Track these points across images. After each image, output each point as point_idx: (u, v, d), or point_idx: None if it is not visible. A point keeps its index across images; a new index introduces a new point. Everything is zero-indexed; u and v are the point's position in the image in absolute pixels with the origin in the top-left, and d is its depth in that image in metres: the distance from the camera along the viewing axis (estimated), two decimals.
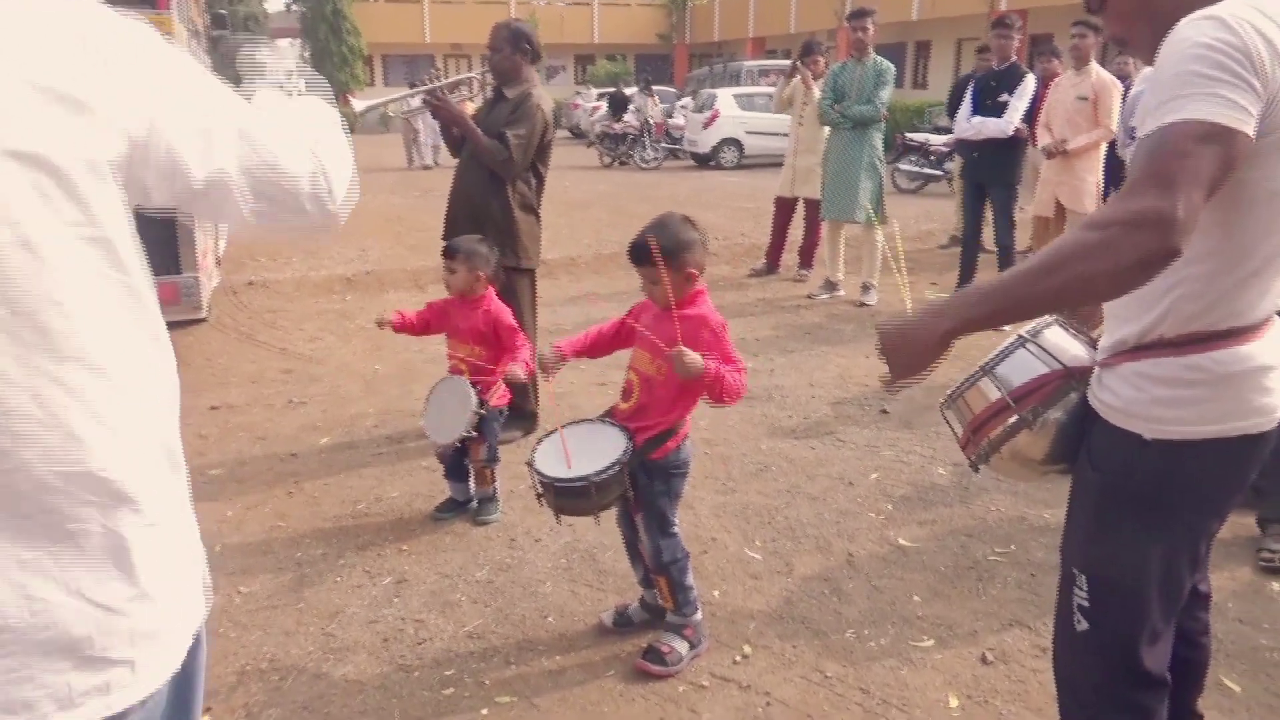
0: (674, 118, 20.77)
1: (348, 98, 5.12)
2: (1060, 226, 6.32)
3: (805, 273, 7.93)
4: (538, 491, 2.53)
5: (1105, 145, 6.16)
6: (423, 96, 4.10)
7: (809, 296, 7.27)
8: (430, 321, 3.62)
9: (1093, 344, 1.73)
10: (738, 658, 2.66)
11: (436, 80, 4.13)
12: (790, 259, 8.16)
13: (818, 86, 7.18)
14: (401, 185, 15.50)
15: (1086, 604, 1.60)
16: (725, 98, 19.00)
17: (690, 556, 2.66)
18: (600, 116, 22.32)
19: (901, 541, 3.34)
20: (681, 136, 19.97)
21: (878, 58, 6.83)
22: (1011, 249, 6.51)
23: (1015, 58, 6.51)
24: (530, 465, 2.52)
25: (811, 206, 7.58)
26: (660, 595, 2.68)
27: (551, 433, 2.63)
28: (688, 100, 21.05)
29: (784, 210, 7.94)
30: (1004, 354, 1.76)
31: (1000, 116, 6.35)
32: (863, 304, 6.95)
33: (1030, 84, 6.36)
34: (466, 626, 2.85)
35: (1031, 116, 6.42)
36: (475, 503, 3.59)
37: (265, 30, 37.01)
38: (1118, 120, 5.58)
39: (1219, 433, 1.49)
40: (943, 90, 24.29)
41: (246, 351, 5.99)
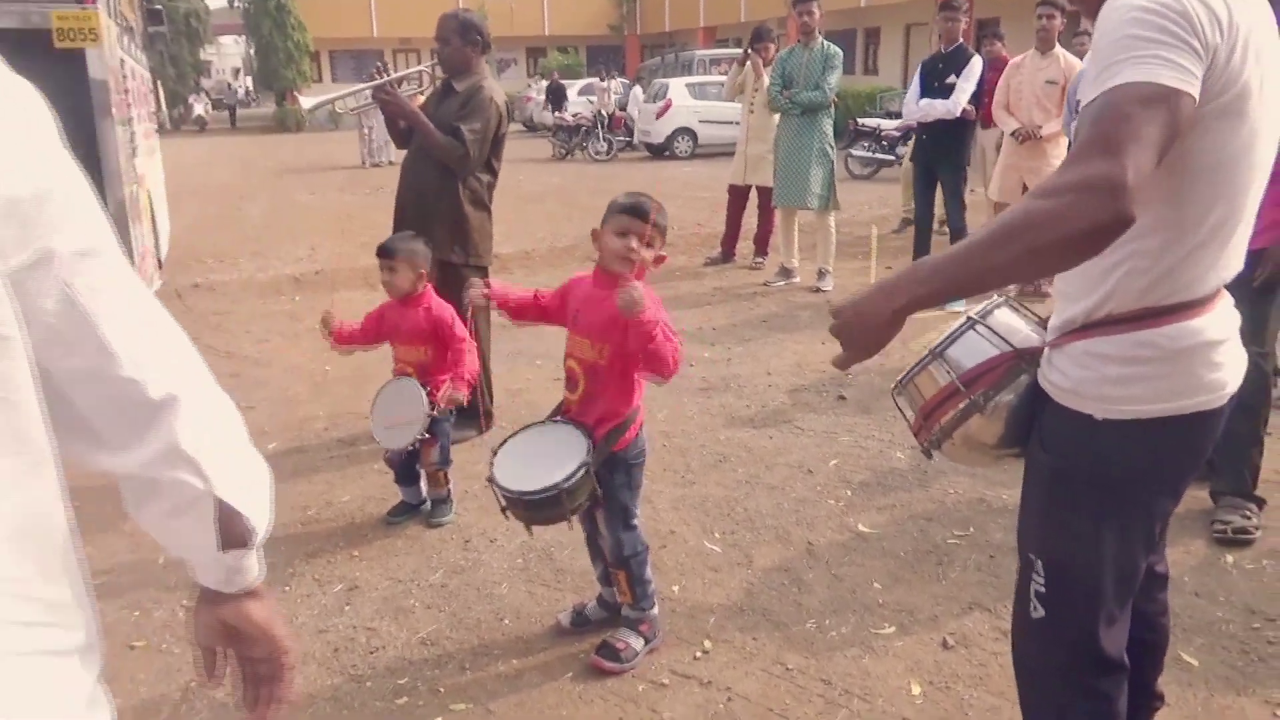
0: (625, 109, 20.69)
1: (295, 95, 4.98)
2: None
3: (761, 260, 7.91)
4: (503, 506, 2.45)
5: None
6: (371, 91, 4.00)
7: (765, 284, 7.25)
8: (371, 333, 3.48)
9: (1042, 324, 1.70)
10: (698, 653, 2.61)
11: (384, 75, 4.01)
12: (746, 247, 8.14)
13: (768, 73, 7.15)
14: (352, 183, 15.26)
15: (1043, 590, 1.58)
16: (678, 87, 18.96)
17: (649, 549, 2.61)
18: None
19: (861, 528, 3.32)
20: (634, 127, 19.87)
21: (825, 42, 6.81)
22: (963, 230, 6.53)
23: (962, 40, 6.52)
24: (491, 481, 2.43)
25: (765, 194, 7.56)
26: (618, 589, 2.62)
27: (505, 442, 2.54)
28: (637, 90, 20.91)
29: (737, 198, 7.92)
30: (953, 337, 1.72)
31: (948, 99, 6.36)
32: (819, 290, 6.95)
33: (977, 66, 6.38)
34: (420, 633, 2.77)
35: (979, 99, 6.43)
36: (428, 505, 3.51)
37: (206, 27, 36.27)
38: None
39: (1171, 410, 1.46)
40: (893, 76, 24.53)
41: None
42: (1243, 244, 1.50)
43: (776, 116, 7.12)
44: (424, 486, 3.51)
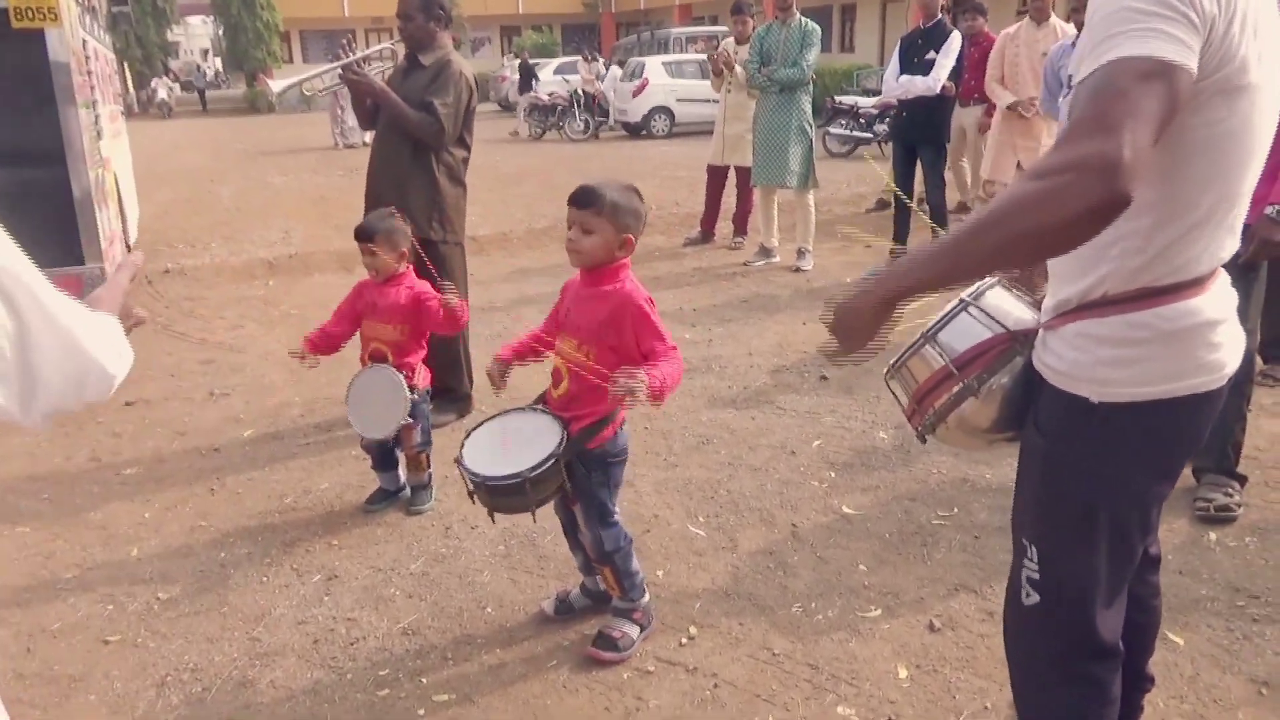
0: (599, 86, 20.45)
1: (263, 78, 4.88)
2: None
3: (740, 240, 7.87)
4: (469, 489, 2.40)
5: None
6: (339, 71, 3.90)
7: (745, 264, 7.21)
8: (348, 325, 3.39)
9: (1037, 305, 1.67)
10: (684, 640, 2.59)
11: (350, 53, 3.93)
12: (725, 227, 8.09)
13: (745, 51, 7.08)
14: (325, 165, 15.04)
15: (1036, 576, 1.55)
16: (654, 66, 18.81)
17: (633, 541, 2.56)
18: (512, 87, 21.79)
19: (846, 510, 3.30)
20: (608, 107, 19.69)
21: (803, 19, 6.74)
22: (943, 207, 6.52)
23: (941, 15, 6.48)
24: (459, 462, 2.38)
25: (743, 174, 7.50)
26: (605, 584, 2.58)
27: (479, 425, 2.49)
28: (614, 69, 20.68)
29: (716, 178, 7.86)
30: (946, 319, 1.69)
31: (927, 75, 6.32)
32: (798, 269, 6.91)
33: (956, 41, 6.34)
34: (401, 623, 2.73)
35: (958, 75, 6.38)
36: (408, 491, 3.46)
37: (173, 7, 35.57)
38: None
39: (1168, 393, 1.43)
40: (870, 53, 24.44)
41: (163, 343, 5.72)
42: (1239, 222, 1.47)
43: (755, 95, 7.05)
44: (402, 473, 3.45)
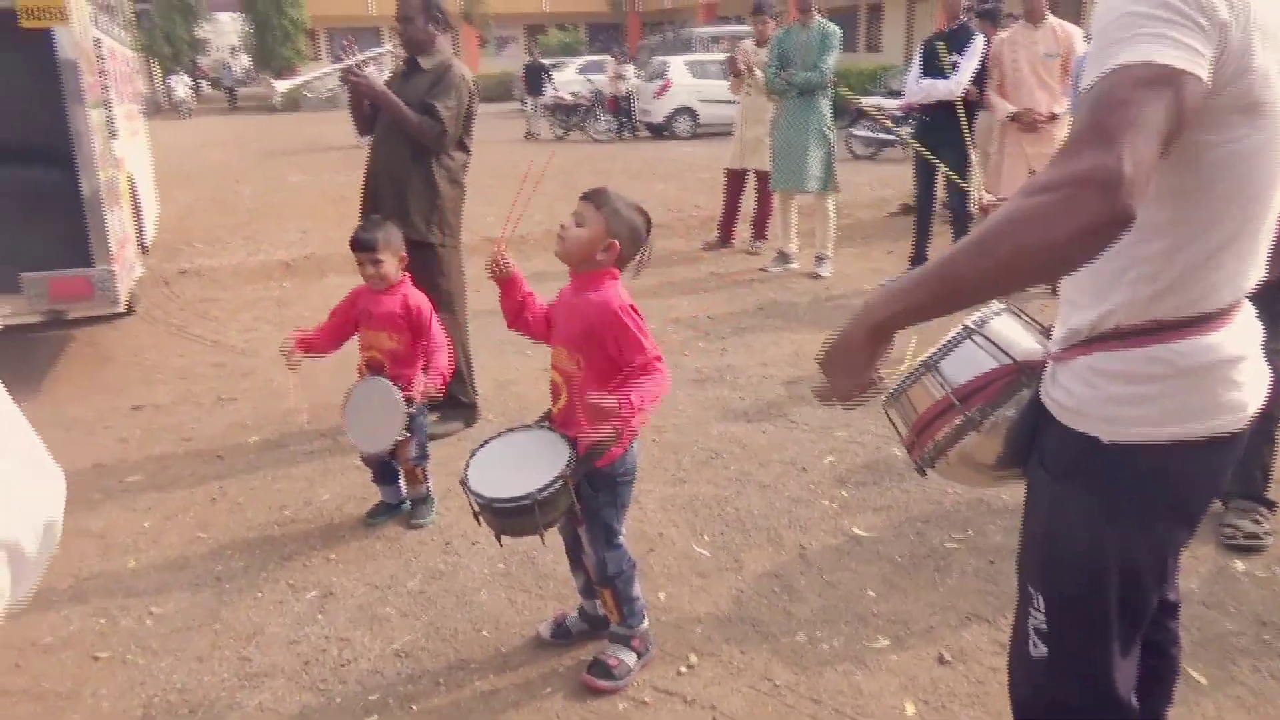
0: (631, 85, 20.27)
1: (267, 79, 4.85)
2: None
3: (759, 245, 7.76)
4: (474, 511, 2.32)
5: None
6: (339, 74, 3.86)
7: (762, 270, 7.10)
8: (343, 329, 3.34)
9: (1047, 333, 1.57)
10: (683, 668, 2.50)
11: (352, 55, 3.89)
12: (744, 231, 7.98)
13: (764, 53, 6.97)
14: (346, 164, 15.05)
15: (1044, 626, 1.45)
16: (677, 66, 18.70)
17: (636, 566, 2.48)
18: (558, 87, 21.29)
19: (856, 531, 3.20)
20: (628, 108, 19.56)
21: (823, 21, 6.62)
22: (965, 213, 6.37)
23: (964, 18, 6.33)
24: (464, 484, 2.30)
25: (762, 178, 7.40)
26: (605, 607, 2.50)
27: (483, 445, 2.42)
28: (629, 68, 20.48)
29: (735, 182, 7.76)
30: (948, 347, 1.59)
31: (949, 78, 6.17)
32: (817, 275, 6.80)
33: (979, 44, 6.18)
34: (395, 644, 2.66)
35: (982, 78, 6.23)
36: (408, 505, 3.39)
37: (201, 4, 35.87)
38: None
39: (1184, 434, 1.33)
40: (896, 54, 24.19)
41: (176, 345, 5.71)
42: (1264, 250, 1.36)
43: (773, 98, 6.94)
44: (403, 485, 3.39)
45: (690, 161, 14.35)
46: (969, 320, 1.61)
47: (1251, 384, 1.36)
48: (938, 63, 6.18)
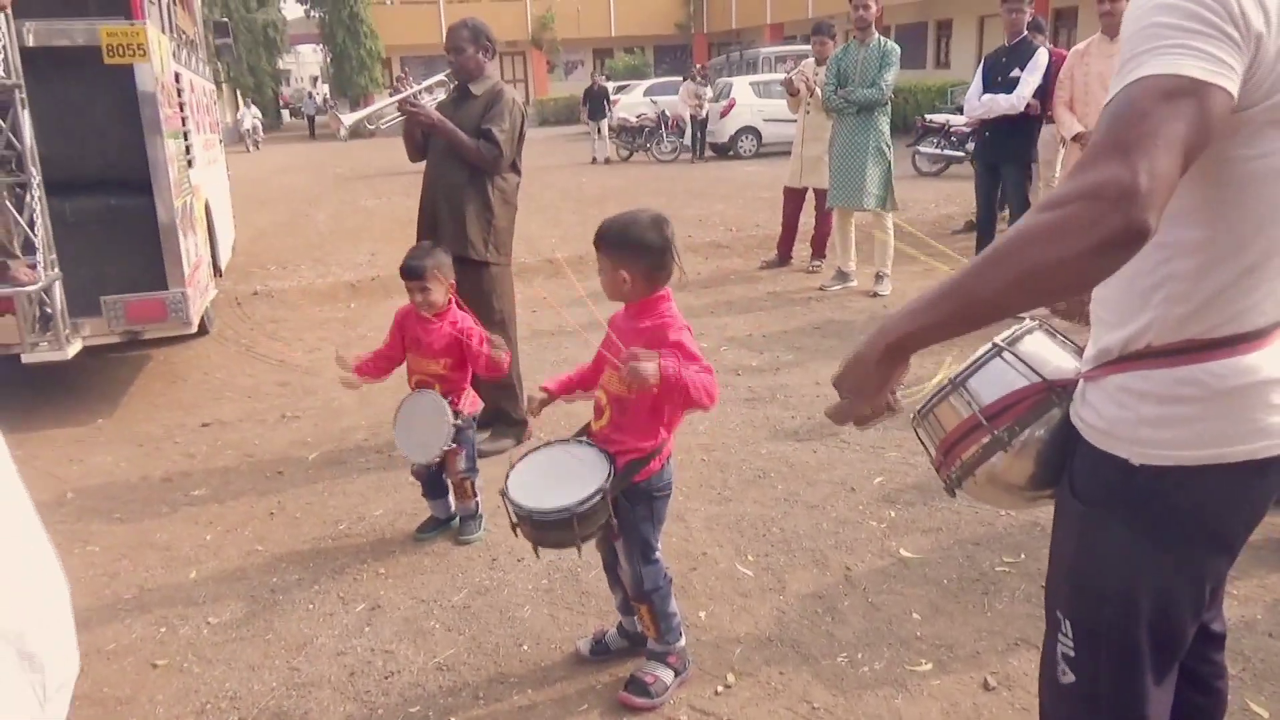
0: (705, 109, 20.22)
1: (333, 114, 5.03)
2: None
3: (818, 264, 7.71)
4: (513, 522, 2.36)
5: None
6: (396, 105, 4.00)
7: (821, 288, 7.05)
8: (393, 357, 3.42)
9: (1080, 352, 1.53)
10: (720, 688, 2.48)
11: (409, 86, 4.04)
12: (803, 250, 7.94)
13: (822, 72, 6.96)
14: (416, 187, 15.39)
15: (1072, 653, 1.41)
16: (741, 86, 18.75)
17: (672, 582, 2.48)
18: (624, 110, 21.35)
19: (903, 553, 3.14)
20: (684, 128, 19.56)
21: (882, 38, 6.58)
22: None
23: (1027, 33, 6.23)
24: (504, 495, 2.34)
25: (821, 196, 7.36)
26: (641, 623, 2.51)
27: (524, 457, 2.46)
28: (684, 86, 20.38)
29: (793, 200, 7.74)
30: (977, 365, 1.56)
31: (1011, 93, 6.07)
32: (876, 294, 6.72)
33: (1042, 58, 6.07)
34: (437, 657, 2.70)
35: (1045, 93, 6.10)
36: (458, 520, 3.45)
37: (284, 36, 37.28)
38: None
39: (1219, 457, 1.28)
40: (966, 69, 23.83)
41: (245, 364, 5.91)
42: None
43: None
44: (452, 500, 3.45)
45: (752, 180, 14.33)
46: (999, 337, 1.58)
47: None
48: (999, 77, 6.09)
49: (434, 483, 3.39)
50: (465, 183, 3.97)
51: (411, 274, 3.26)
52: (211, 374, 5.71)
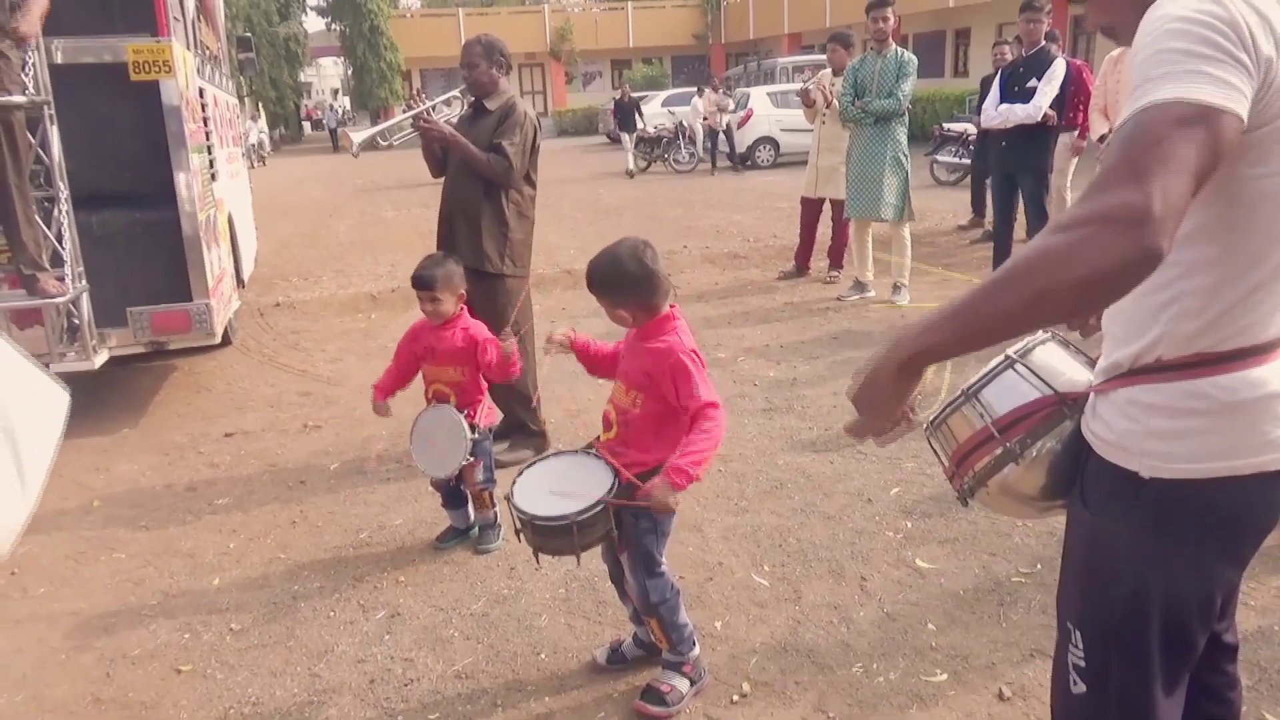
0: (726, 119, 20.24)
1: (344, 131, 5.13)
2: None
3: (835, 274, 7.71)
4: (516, 527, 2.40)
5: None
6: (410, 121, 4.06)
7: (838, 299, 7.06)
8: (408, 369, 3.46)
9: (1093, 364, 1.54)
10: (735, 697, 2.50)
11: (422, 102, 4.10)
12: (820, 260, 7.95)
13: (839, 83, 6.98)
14: (436, 198, 15.51)
15: (1083, 663, 1.42)
16: (759, 96, 18.77)
17: (680, 593, 2.50)
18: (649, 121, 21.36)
19: (919, 563, 3.15)
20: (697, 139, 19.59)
21: (898, 49, 6.59)
22: None
23: (1044, 42, 6.23)
24: (509, 499, 2.38)
25: (838, 206, 7.37)
26: (653, 635, 2.53)
27: (532, 464, 2.50)
28: (695, 100, 20.41)
29: (810, 211, 7.75)
30: (990, 376, 1.58)
31: (1028, 103, 6.08)
32: (893, 304, 6.72)
33: (1060, 68, 6.07)
34: (456, 665, 2.73)
35: (1062, 103, 6.10)
36: (476, 530, 3.48)
37: (305, 50, 37.70)
38: None
39: (1227, 470, 1.29)
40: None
41: (267, 375, 5.98)
42: None
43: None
44: (472, 510, 3.48)
45: (770, 190, 14.35)
46: (1012, 349, 1.60)
47: None
48: (1016, 87, 6.10)
49: (453, 493, 3.43)
50: (480, 196, 4.03)
51: (422, 284, 3.32)
52: (235, 384, 5.79)
